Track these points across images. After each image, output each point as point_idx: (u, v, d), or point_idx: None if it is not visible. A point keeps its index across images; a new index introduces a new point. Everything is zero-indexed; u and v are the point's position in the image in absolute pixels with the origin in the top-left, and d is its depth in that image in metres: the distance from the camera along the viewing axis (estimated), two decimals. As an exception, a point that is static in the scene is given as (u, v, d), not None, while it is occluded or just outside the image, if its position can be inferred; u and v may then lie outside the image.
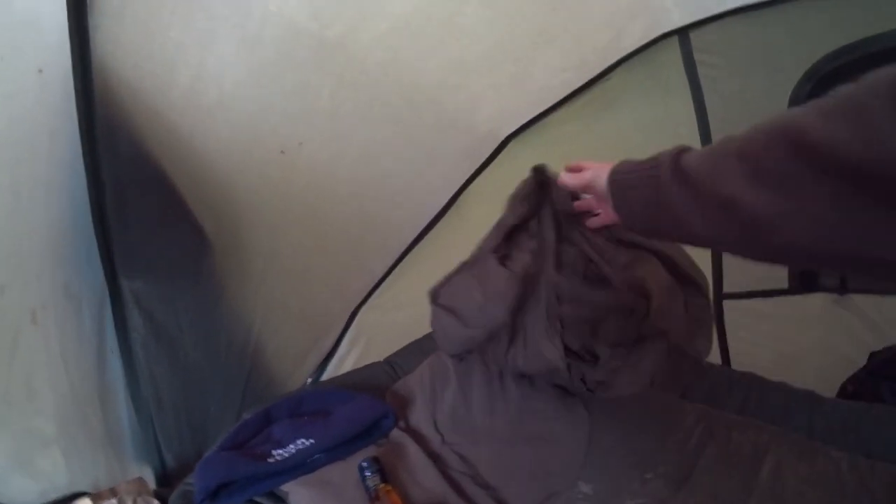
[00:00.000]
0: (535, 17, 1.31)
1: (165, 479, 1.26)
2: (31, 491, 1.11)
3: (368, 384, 1.27)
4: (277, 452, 1.01)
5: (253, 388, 1.42)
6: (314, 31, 1.12)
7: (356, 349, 1.72)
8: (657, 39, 1.54)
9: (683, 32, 1.54)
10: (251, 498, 0.96)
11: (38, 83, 0.92)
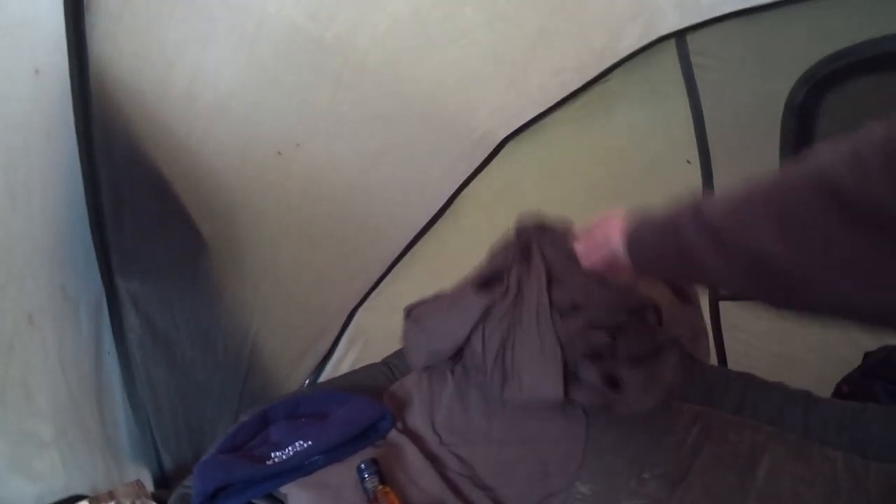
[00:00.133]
0: (532, 19, 1.32)
1: (163, 481, 1.25)
2: (28, 494, 1.10)
3: (366, 386, 1.27)
4: (275, 454, 1.01)
5: (250, 389, 1.42)
6: (312, 32, 1.12)
7: (353, 351, 1.72)
8: (654, 42, 1.54)
9: (680, 35, 1.55)
10: (249, 500, 0.96)
11: (34, 84, 0.92)
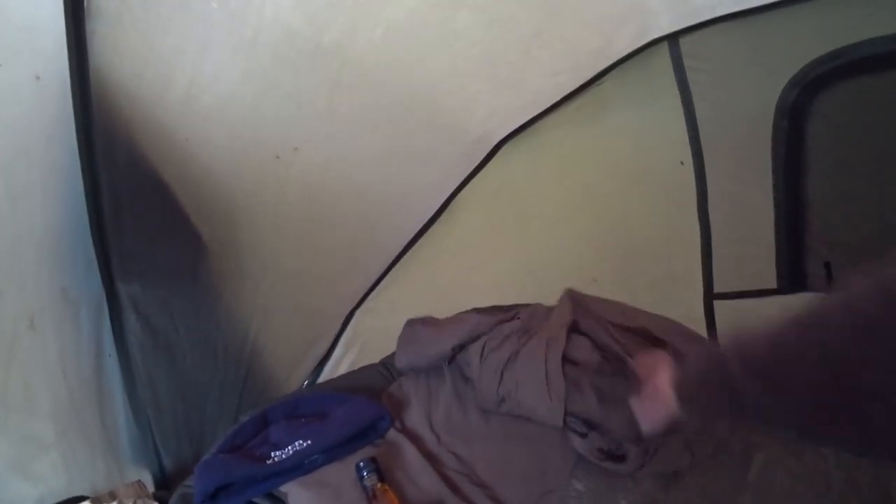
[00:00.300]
0: (526, 22, 1.33)
1: (163, 482, 1.26)
2: (29, 496, 1.11)
3: (364, 386, 1.28)
4: (275, 454, 1.02)
5: (250, 391, 1.43)
6: (309, 36, 1.13)
7: (352, 352, 1.73)
8: (648, 45, 1.56)
9: (673, 38, 1.56)
10: (250, 499, 0.97)
11: (35, 89, 0.93)
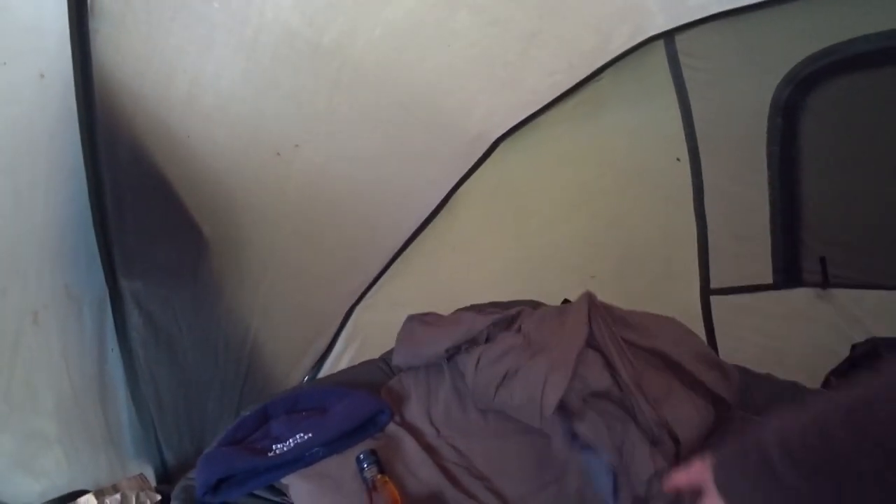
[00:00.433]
0: (523, 22, 1.35)
1: (166, 477, 1.27)
2: (32, 491, 1.12)
3: (364, 381, 1.28)
4: (277, 447, 1.02)
5: (251, 386, 1.44)
6: (309, 36, 1.15)
7: (352, 348, 1.74)
8: (643, 43, 1.57)
9: (669, 36, 1.58)
10: (251, 491, 0.98)
11: (39, 88, 0.94)
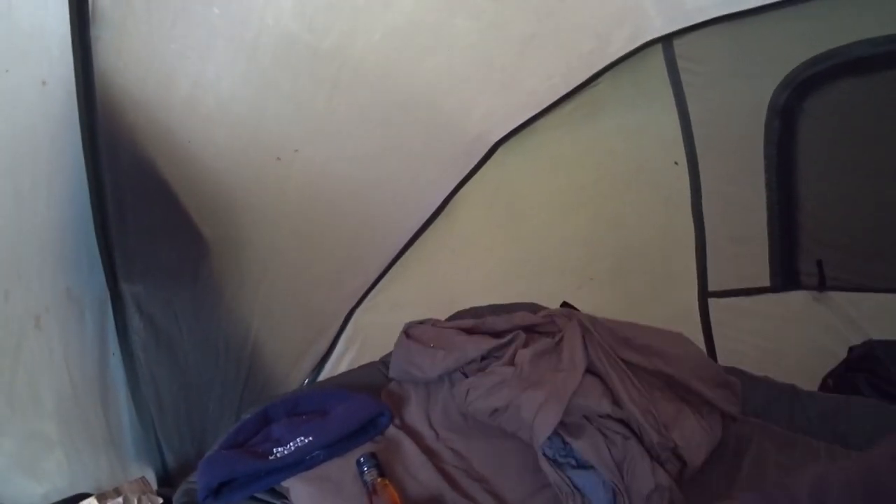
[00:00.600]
0: (521, 26, 1.36)
1: (166, 479, 1.28)
2: (34, 493, 1.12)
3: (364, 384, 1.29)
4: (277, 450, 1.03)
5: (251, 388, 1.44)
6: (309, 40, 1.15)
7: (352, 349, 1.74)
8: (642, 47, 1.58)
9: (667, 40, 1.59)
10: (253, 494, 0.98)
11: (41, 94, 0.95)
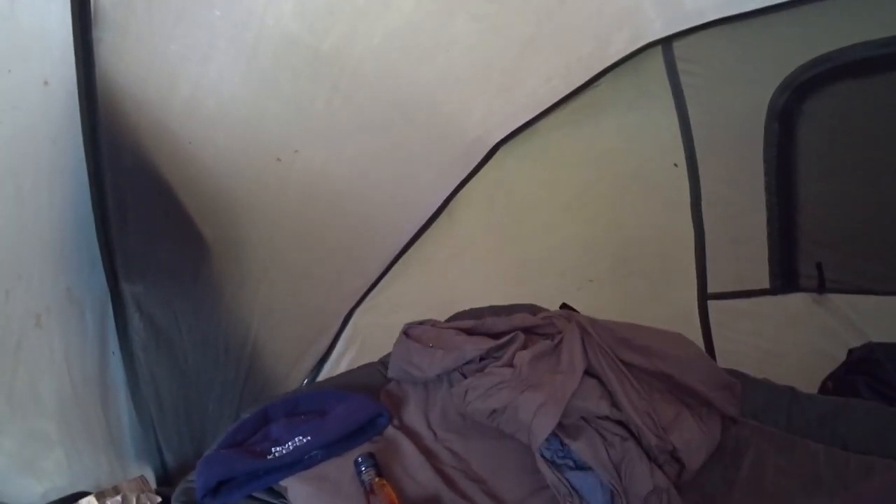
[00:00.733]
0: (520, 29, 1.36)
1: (166, 478, 1.28)
2: (33, 492, 1.13)
3: (363, 384, 1.29)
4: (276, 450, 1.03)
5: (251, 388, 1.45)
6: (309, 43, 1.16)
7: (352, 350, 1.74)
8: (641, 49, 1.59)
9: (666, 42, 1.59)
10: (251, 493, 0.99)
11: (44, 94, 0.96)
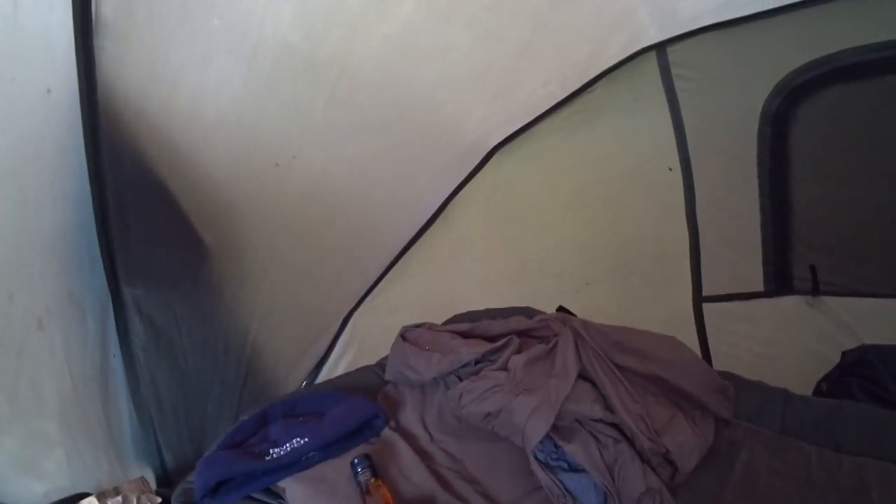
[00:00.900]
0: (516, 35, 1.38)
1: (165, 479, 1.30)
2: (34, 492, 1.14)
3: (361, 386, 1.30)
4: (274, 451, 1.05)
5: (250, 390, 1.46)
6: (307, 49, 1.18)
7: (350, 352, 1.76)
8: (636, 54, 1.60)
9: (661, 48, 1.61)
10: (249, 494, 1.00)
11: (46, 102, 0.98)
